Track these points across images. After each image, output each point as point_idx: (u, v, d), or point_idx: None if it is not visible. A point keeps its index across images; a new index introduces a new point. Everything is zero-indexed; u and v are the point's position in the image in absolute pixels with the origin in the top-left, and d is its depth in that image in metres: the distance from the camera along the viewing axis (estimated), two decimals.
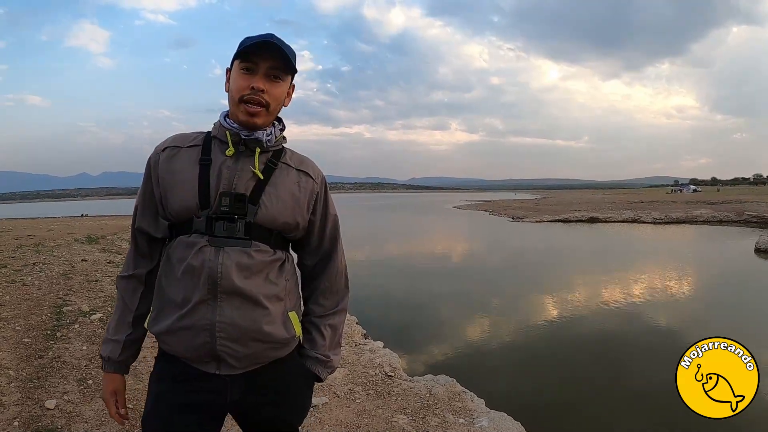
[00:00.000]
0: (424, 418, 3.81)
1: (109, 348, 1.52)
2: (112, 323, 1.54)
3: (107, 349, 1.53)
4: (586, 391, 5.51)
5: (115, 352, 1.52)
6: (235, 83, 1.42)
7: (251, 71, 1.41)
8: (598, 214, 32.15)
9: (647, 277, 12.41)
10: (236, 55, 1.41)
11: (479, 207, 50.81)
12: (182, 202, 1.41)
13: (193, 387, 1.43)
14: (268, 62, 1.41)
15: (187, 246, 1.40)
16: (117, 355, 1.52)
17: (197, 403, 1.43)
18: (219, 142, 1.47)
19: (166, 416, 1.43)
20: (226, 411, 1.50)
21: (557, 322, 8.26)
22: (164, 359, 1.48)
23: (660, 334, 7.53)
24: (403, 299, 10.22)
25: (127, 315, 1.53)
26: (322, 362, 1.60)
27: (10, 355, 4.36)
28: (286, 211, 1.47)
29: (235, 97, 1.42)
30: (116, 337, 1.53)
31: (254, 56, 1.40)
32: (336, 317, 1.65)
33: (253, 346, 1.42)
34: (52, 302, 6.24)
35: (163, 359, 1.48)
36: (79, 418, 3.40)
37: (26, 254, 10.53)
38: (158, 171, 1.47)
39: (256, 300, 1.40)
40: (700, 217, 29.84)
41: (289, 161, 1.53)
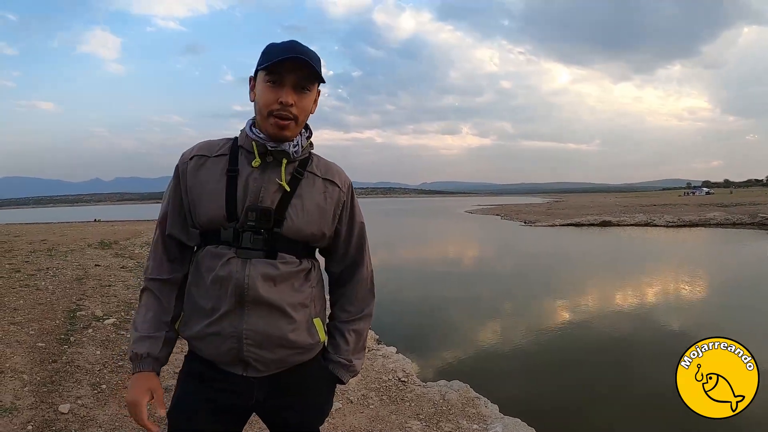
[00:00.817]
0: (437, 424, 3.78)
1: (147, 344, 1.48)
2: (146, 322, 1.50)
3: (144, 345, 1.47)
4: (601, 397, 5.46)
5: (155, 348, 1.48)
6: (262, 97, 1.41)
7: (278, 84, 1.39)
8: (611, 217, 32.01)
9: (660, 281, 12.31)
10: (261, 67, 1.40)
11: (491, 211, 50.71)
12: (210, 214, 1.43)
13: (220, 387, 1.46)
14: (295, 75, 1.40)
15: (215, 256, 1.42)
16: (157, 351, 1.49)
17: (222, 402, 1.46)
18: (245, 152, 1.47)
19: (191, 413, 1.46)
20: (250, 412, 1.53)
21: (570, 327, 8.21)
22: (193, 359, 1.51)
23: (673, 338, 7.44)
24: (416, 304, 10.20)
25: (165, 315, 1.52)
26: (345, 366, 1.61)
27: (24, 359, 4.38)
28: (312, 222, 1.48)
29: (264, 111, 1.41)
30: (155, 334, 1.49)
31: (280, 69, 1.38)
32: (361, 323, 1.66)
33: (278, 352, 1.44)
34: (66, 307, 6.26)
35: (193, 359, 1.51)
36: (92, 423, 3.40)
37: (40, 259, 10.59)
38: (186, 180, 1.48)
39: (282, 309, 1.42)
40: (713, 220, 29.65)
41: (316, 170, 1.53)
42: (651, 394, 5.27)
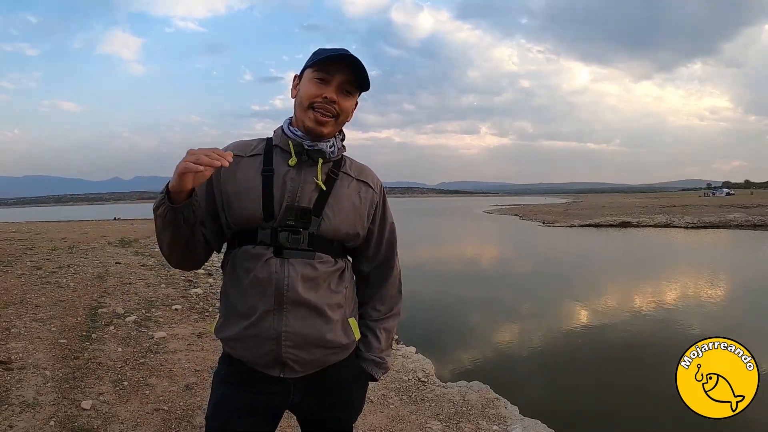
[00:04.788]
0: (457, 425, 3.76)
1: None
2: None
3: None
4: (621, 398, 5.40)
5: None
6: (306, 90, 1.43)
7: (325, 81, 1.42)
8: (630, 218, 31.72)
9: (680, 284, 12.15)
10: (311, 64, 1.44)
11: (509, 211, 50.48)
12: (247, 213, 1.43)
13: (257, 389, 1.47)
14: (343, 76, 1.43)
15: (253, 257, 1.42)
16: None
17: (260, 404, 1.48)
18: (281, 151, 1.48)
19: (229, 417, 1.48)
20: (284, 411, 1.56)
21: (590, 328, 8.13)
22: (229, 361, 1.52)
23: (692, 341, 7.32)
24: (435, 304, 10.16)
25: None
26: (377, 364, 1.63)
27: (46, 356, 4.42)
28: (348, 222, 1.50)
29: (305, 103, 1.43)
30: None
31: (330, 67, 1.41)
32: (390, 321, 1.69)
33: (316, 352, 1.46)
34: (87, 304, 6.32)
35: (228, 361, 1.52)
36: (114, 419, 3.41)
37: (61, 257, 10.72)
38: (220, 178, 1.46)
39: (320, 310, 1.44)
40: (733, 221, 29.24)
41: (349, 171, 1.55)
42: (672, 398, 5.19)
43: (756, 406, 1.82)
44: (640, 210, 40.20)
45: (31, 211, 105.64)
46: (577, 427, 4.68)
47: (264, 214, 1.41)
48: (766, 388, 1.91)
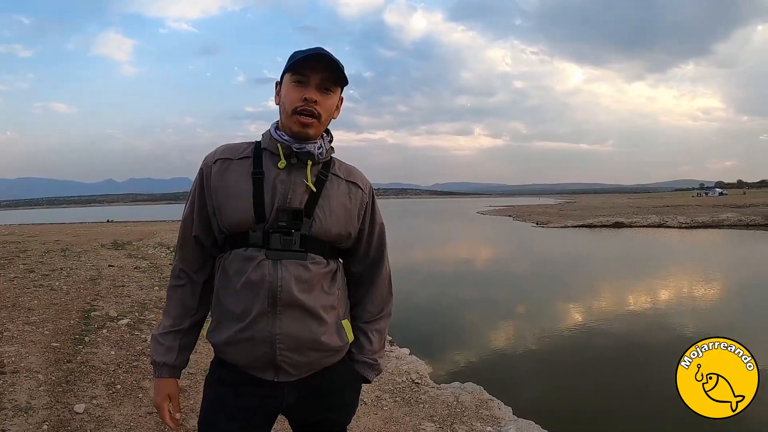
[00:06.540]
0: (451, 426, 3.77)
1: (163, 352, 1.52)
2: (166, 328, 1.54)
3: (161, 352, 1.52)
4: (618, 399, 5.42)
5: (170, 357, 1.52)
6: (287, 96, 1.45)
7: (303, 84, 1.44)
8: (623, 218, 31.83)
9: (674, 283, 12.22)
10: (287, 68, 1.45)
11: (503, 212, 50.56)
12: (238, 216, 1.44)
13: (251, 392, 1.47)
14: (320, 74, 1.44)
15: (245, 260, 1.43)
16: (173, 359, 1.53)
17: (254, 407, 1.48)
18: (270, 154, 1.49)
19: (222, 421, 1.49)
20: (278, 414, 1.56)
21: (584, 329, 8.14)
22: (221, 365, 1.52)
23: (689, 341, 7.36)
24: (428, 305, 10.18)
25: (184, 321, 1.55)
26: (370, 365, 1.64)
27: (39, 359, 4.40)
28: (339, 222, 1.50)
29: (288, 110, 1.44)
30: (172, 343, 1.53)
31: (306, 69, 1.43)
32: (382, 322, 1.69)
33: (310, 355, 1.46)
34: (80, 307, 6.29)
35: (220, 365, 1.53)
36: (107, 423, 3.41)
37: (54, 259, 10.67)
38: (211, 183, 1.49)
39: (314, 312, 1.44)
40: (726, 221, 29.40)
41: (339, 172, 1.56)
42: (669, 397, 5.21)
43: (756, 406, 1.83)
44: (633, 210, 40.37)
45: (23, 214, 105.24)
46: (572, 428, 4.68)
47: (255, 216, 1.42)
48: (766, 388, 1.92)
